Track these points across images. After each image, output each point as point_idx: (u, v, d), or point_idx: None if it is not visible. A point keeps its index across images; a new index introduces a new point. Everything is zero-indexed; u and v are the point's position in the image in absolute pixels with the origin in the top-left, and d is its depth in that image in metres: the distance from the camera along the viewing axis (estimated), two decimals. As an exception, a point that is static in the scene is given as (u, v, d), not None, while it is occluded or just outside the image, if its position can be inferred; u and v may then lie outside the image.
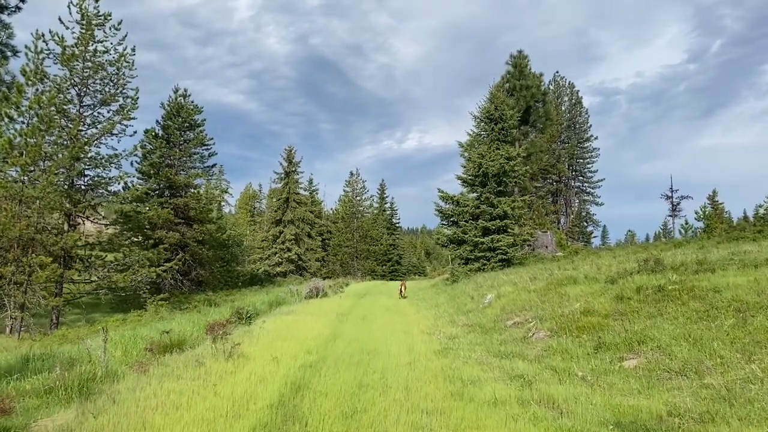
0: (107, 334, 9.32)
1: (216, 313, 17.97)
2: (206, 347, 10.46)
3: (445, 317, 16.41)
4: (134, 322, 22.58)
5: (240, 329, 13.66)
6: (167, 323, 16.75)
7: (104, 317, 26.46)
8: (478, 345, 11.18)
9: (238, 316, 14.89)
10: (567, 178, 62.70)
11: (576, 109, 63.69)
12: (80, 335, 18.59)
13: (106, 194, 25.93)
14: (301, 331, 13.31)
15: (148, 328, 15.41)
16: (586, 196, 64.78)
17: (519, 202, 27.73)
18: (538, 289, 15.85)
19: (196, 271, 36.76)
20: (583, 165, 63.91)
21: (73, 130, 23.64)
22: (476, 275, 25.48)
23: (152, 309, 24.93)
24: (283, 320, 15.39)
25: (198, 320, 16.57)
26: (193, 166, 38.64)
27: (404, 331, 13.70)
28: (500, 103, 29.09)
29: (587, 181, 64.28)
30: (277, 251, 59.22)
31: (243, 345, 11.05)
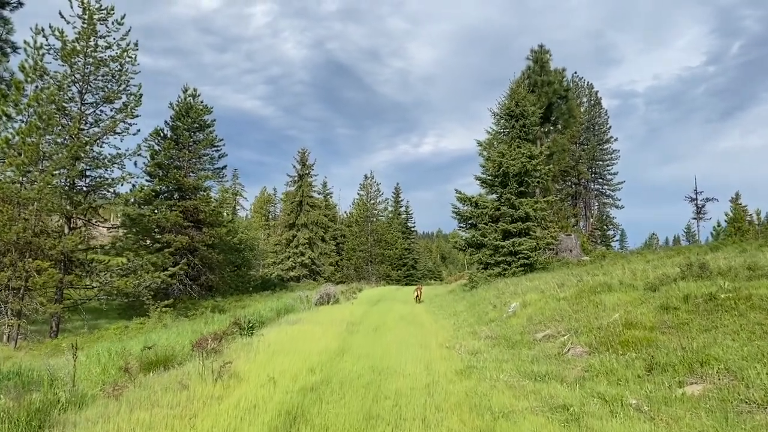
0: (76, 351, 8.05)
1: (219, 321, 16.73)
2: (196, 364, 9.18)
3: (465, 327, 15.00)
4: (136, 329, 21.44)
5: (239, 341, 12.37)
6: (166, 333, 15.54)
7: (110, 324, 25.37)
8: (506, 362, 9.77)
9: (238, 326, 13.58)
10: (586, 180, 61.05)
11: (595, 110, 62.06)
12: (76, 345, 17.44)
13: (109, 196, 24.82)
14: (306, 343, 11.99)
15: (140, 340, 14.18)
16: (605, 199, 63.09)
17: (542, 204, 26.21)
18: (569, 296, 14.39)
19: (206, 275, 35.67)
20: (603, 167, 62.26)
21: (73, 128, 22.58)
22: (497, 281, 24.02)
23: (155, 316, 23.76)
24: (287, 331, 14.07)
25: (198, 330, 15.34)
26: (203, 168, 37.62)
27: (421, 344, 12.32)
28: (521, 98, 27.61)
29: (607, 183, 62.57)
30: (290, 255, 58.21)
31: (239, 361, 9.76)
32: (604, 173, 62.68)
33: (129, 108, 24.90)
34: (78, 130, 23.68)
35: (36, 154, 21.11)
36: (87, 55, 23.71)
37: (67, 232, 22.78)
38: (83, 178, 24.26)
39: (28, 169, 21.03)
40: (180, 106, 36.69)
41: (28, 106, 21.49)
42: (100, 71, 24.17)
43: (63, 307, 22.28)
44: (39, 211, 21.09)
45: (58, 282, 21.27)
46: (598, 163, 61.73)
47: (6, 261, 20.89)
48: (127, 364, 8.14)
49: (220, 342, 11.46)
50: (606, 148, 61.99)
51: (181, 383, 7.84)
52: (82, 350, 13.45)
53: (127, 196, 24.37)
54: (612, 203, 62.60)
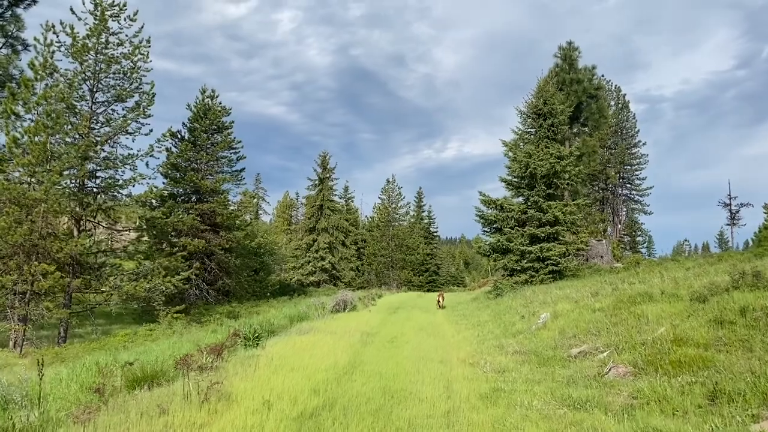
0: (42, 368, 6.99)
1: (231, 328, 15.64)
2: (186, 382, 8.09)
3: (490, 340, 13.71)
4: (144, 336, 20.53)
5: (241, 354, 11.27)
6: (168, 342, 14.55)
7: (123, 329, 24.59)
8: (538, 384, 8.51)
9: (239, 338, 12.48)
10: (614, 185, 59.14)
11: (623, 113, 60.11)
12: (78, 353, 16.57)
13: (120, 197, 24.04)
14: (313, 357, 10.84)
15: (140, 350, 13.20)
16: (633, 205, 61.12)
17: (572, 207, 24.73)
18: (605, 307, 13.04)
19: (222, 280, 34.82)
20: (631, 172, 60.32)
21: (80, 126, 21.84)
22: (523, 288, 22.64)
23: (166, 322, 22.86)
24: (296, 342, 12.94)
25: (202, 340, 14.31)
26: (221, 171, 36.84)
27: (441, 359, 11.09)
28: (549, 96, 26.20)
29: (635, 188, 60.57)
30: (310, 260, 57.30)
31: (235, 378, 8.66)
32: (633, 178, 60.80)
33: (141, 107, 24.14)
34: (88, 129, 22.98)
35: (44, 154, 20.38)
36: (98, 52, 23.01)
37: (76, 235, 22.02)
38: (93, 179, 23.54)
39: (35, 169, 20.29)
40: (198, 108, 35.97)
41: (37, 105, 20.80)
42: (112, 69, 23.45)
43: (71, 313, 21.49)
44: (46, 213, 20.32)
45: (65, 286, 20.50)
46: (626, 168, 59.87)
47: (12, 264, 20.16)
48: (102, 383, 7.06)
49: (219, 355, 10.38)
50: (634, 152, 60.12)
51: (162, 407, 6.75)
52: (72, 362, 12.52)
53: (137, 197, 23.54)
54: (641, 209, 60.72)
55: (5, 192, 19.76)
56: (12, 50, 23.00)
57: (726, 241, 72.50)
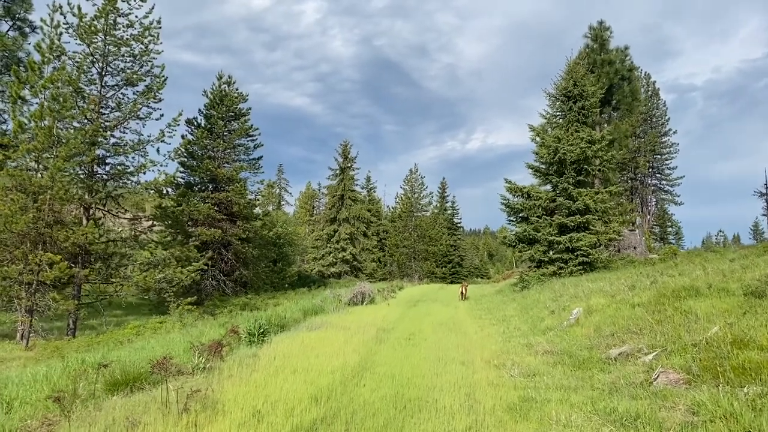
0: None
1: (245, 320, 14.61)
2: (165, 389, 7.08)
3: (516, 338, 12.50)
4: (152, 329, 19.72)
5: (241, 352, 10.25)
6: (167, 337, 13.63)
7: (138, 321, 23.87)
8: (575, 392, 7.32)
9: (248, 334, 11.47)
10: (643, 174, 57.07)
11: (653, 101, 57.85)
12: (79, 347, 15.77)
13: (131, 185, 23.22)
14: (321, 357, 9.76)
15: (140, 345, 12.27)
16: (663, 195, 59.02)
17: (603, 194, 23.24)
18: (645, 302, 11.73)
19: (239, 271, 34.01)
20: (661, 161, 58.18)
21: (86, 109, 21.02)
22: (551, 281, 21.32)
23: (176, 315, 22.01)
24: (305, 338, 11.90)
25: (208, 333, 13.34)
26: (238, 159, 35.95)
27: (462, 360, 9.92)
28: (580, 78, 24.65)
29: (665, 178, 58.43)
30: (331, 251, 56.46)
31: (228, 382, 7.64)
32: (663, 167, 58.69)
33: (153, 91, 23.27)
34: (98, 113, 22.20)
35: (49, 139, 19.62)
36: (107, 34, 22.14)
37: (85, 224, 21.27)
38: (103, 165, 22.76)
39: (41, 154, 19.55)
40: (214, 94, 35.11)
41: (43, 88, 20.02)
42: (121, 51, 22.59)
43: (80, 304, 20.80)
44: (52, 200, 19.56)
45: (71, 276, 19.78)
46: (656, 157, 57.77)
47: (17, 253, 19.47)
48: (62, 392, 6.04)
49: (215, 354, 9.37)
50: (664, 141, 57.99)
51: (130, 420, 5.74)
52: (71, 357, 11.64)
53: (146, 185, 22.69)
54: (670, 199, 58.68)
55: (11, 179, 19.08)
56: (19, 32, 22.30)
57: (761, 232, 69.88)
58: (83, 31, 21.53)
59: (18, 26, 22.28)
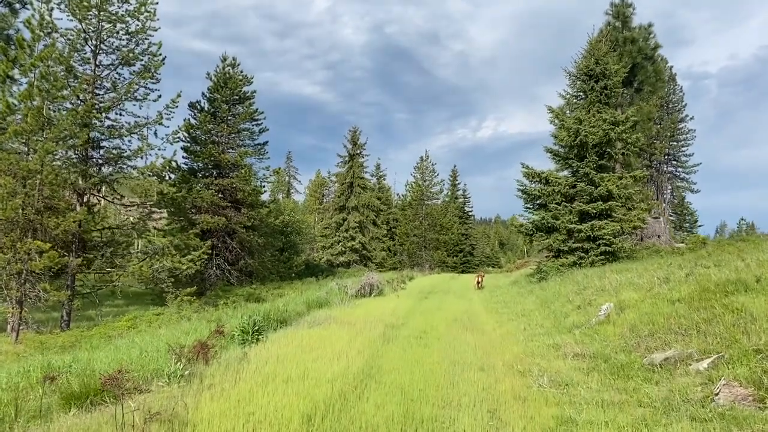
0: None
1: (250, 311, 13.43)
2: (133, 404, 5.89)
3: (540, 336, 11.21)
4: (148, 322, 18.63)
5: (231, 354, 9.03)
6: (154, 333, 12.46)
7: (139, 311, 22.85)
8: (620, 410, 6.06)
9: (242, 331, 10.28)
10: (659, 162, 55.28)
11: (669, 86, 55.81)
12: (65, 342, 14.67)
13: (127, 170, 22.05)
14: (320, 360, 8.53)
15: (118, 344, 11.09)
16: (679, 182, 57.22)
17: (627, 179, 21.74)
18: (686, 297, 10.38)
19: (244, 260, 32.91)
20: (677, 148, 56.32)
21: (79, 89, 19.83)
22: (572, 272, 19.96)
23: (175, 306, 20.91)
24: (304, 337, 10.68)
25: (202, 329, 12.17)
26: (242, 144, 34.71)
27: (481, 364, 8.66)
28: (602, 56, 23.06)
29: (681, 165, 56.61)
30: (340, 239, 55.29)
31: (206, 395, 6.43)
32: (679, 155, 56.86)
33: (150, 71, 22.06)
34: (92, 94, 21.04)
35: (39, 120, 18.47)
36: (101, 9, 20.90)
37: (78, 210, 20.16)
38: (97, 148, 21.61)
39: (29, 137, 18.40)
40: (218, 77, 33.85)
41: (33, 66, 18.86)
42: (116, 28, 21.35)
43: (72, 295, 19.73)
44: (42, 185, 18.46)
45: (64, 266, 18.70)
46: (672, 144, 55.94)
47: (6, 241, 18.40)
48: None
49: (199, 357, 8.18)
50: (681, 127, 56.09)
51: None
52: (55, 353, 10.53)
53: (142, 169, 21.50)
54: (687, 187, 56.88)
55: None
56: (9, 8, 21.08)
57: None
58: (75, 6, 20.32)
59: (8, 2, 21.10)
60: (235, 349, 9.73)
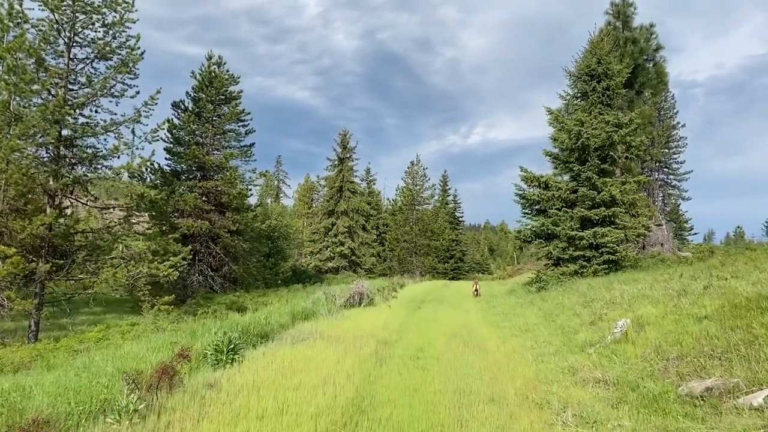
0: None
1: (226, 325, 12.14)
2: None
3: (551, 356, 10.04)
4: (121, 334, 17.28)
5: (199, 379, 7.80)
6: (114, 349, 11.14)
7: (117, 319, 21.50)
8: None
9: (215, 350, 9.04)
10: (650, 169, 54.60)
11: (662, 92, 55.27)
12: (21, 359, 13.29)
13: (102, 170, 20.68)
14: (302, 389, 7.31)
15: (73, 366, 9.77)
16: (671, 190, 56.60)
17: (631, 184, 20.68)
18: (714, 314, 9.26)
19: (228, 266, 31.57)
20: (669, 155, 55.73)
21: (48, 82, 18.50)
22: (573, 281, 18.87)
23: (151, 316, 19.56)
24: (286, 356, 9.45)
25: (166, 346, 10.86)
26: (228, 145, 33.40)
27: (490, 393, 7.47)
28: (604, 55, 22.06)
29: (673, 173, 56.02)
30: (329, 245, 54.02)
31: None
32: (670, 162, 56.28)
33: (127, 65, 20.77)
34: (64, 88, 19.73)
35: (5, 115, 17.18)
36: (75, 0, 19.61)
37: (48, 213, 18.80)
38: (70, 147, 20.26)
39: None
40: (203, 76, 32.56)
41: (0, 58, 17.56)
42: (92, 19, 20.06)
43: (40, 303, 18.33)
44: (8, 185, 17.13)
45: (28, 272, 17.34)
46: (664, 151, 55.36)
47: (-32, 246, 17.03)
48: None
49: (159, 385, 6.94)
50: (672, 134, 55.55)
51: None
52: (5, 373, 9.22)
53: (117, 170, 20.14)
54: (678, 194, 56.29)
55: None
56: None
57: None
58: (44, -8, 19.02)
59: (-26, -10, 19.71)
60: (207, 371, 8.51)
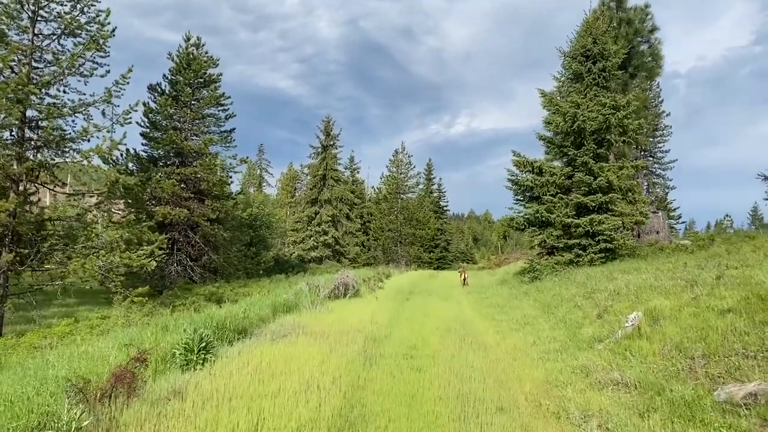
0: None
1: (201, 318, 11.06)
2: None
3: (557, 354, 9.11)
4: (89, 328, 16.16)
5: (163, 384, 6.76)
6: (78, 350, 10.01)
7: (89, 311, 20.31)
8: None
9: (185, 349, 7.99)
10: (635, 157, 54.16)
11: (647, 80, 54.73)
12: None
13: (70, 153, 19.37)
14: (281, 397, 6.31)
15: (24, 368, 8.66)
16: (656, 179, 56.30)
17: (629, 169, 19.82)
18: (739, 308, 8.37)
19: (208, 256, 30.33)
20: (654, 144, 55.39)
21: (7, 59, 17.15)
22: (569, 271, 18.03)
23: (124, 308, 18.41)
24: (265, 356, 8.41)
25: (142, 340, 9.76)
26: (207, 130, 32.04)
27: (498, 400, 6.52)
28: (600, 34, 21.12)
29: (658, 162, 55.70)
30: (312, 234, 52.81)
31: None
32: (655, 151, 55.95)
33: (97, 42, 19.45)
34: (29, 66, 18.39)
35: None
36: (38, -30, 18.24)
37: (11, 198, 17.51)
38: (36, 129, 18.92)
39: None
40: (180, 58, 31.09)
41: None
42: (57, -8, 18.72)
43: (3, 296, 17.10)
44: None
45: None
46: (649, 140, 54.97)
47: None
48: None
49: (115, 391, 5.89)
50: (658, 123, 55.18)
51: None
52: None
53: (85, 153, 18.83)
54: (663, 183, 56.04)
55: None
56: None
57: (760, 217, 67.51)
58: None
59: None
60: (174, 374, 7.46)
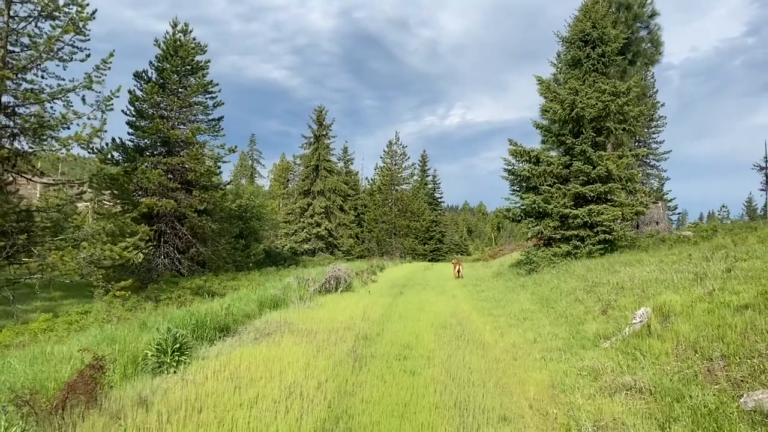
0: None
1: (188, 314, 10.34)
2: None
3: (560, 353, 8.46)
4: (68, 324, 15.45)
5: (128, 392, 6.07)
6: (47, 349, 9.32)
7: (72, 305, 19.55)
8: None
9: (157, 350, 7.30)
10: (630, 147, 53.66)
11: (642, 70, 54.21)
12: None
13: (49, 141, 18.57)
14: (258, 406, 5.65)
15: None
16: (650, 170, 55.91)
17: (629, 158, 19.21)
18: (756, 303, 7.77)
19: (196, 248, 29.58)
20: (648, 135, 54.92)
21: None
22: (567, 263, 17.43)
23: (106, 302, 17.69)
24: (245, 358, 7.72)
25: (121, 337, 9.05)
26: (195, 119, 31.19)
27: (500, 408, 5.87)
28: (600, 18, 20.44)
29: (652, 152, 55.27)
30: (304, 226, 52.14)
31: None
32: (649, 141, 55.52)
33: (76, 24, 18.61)
34: (4, 50, 17.55)
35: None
36: (12, -53, 17.37)
37: (-14, 189, 16.75)
38: (12, 116, 18.11)
39: None
40: (167, 44, 30.19)
41: None
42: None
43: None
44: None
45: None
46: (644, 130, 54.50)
47: None
48: None
49: (67, 401, 5.21)
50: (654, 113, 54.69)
51: None
52: None
53: (64, 141, 18.04)
54: (657, 174, 55.68)
55: None
56: None
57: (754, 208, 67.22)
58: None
59: None
60: (143, 379, 6.78)
